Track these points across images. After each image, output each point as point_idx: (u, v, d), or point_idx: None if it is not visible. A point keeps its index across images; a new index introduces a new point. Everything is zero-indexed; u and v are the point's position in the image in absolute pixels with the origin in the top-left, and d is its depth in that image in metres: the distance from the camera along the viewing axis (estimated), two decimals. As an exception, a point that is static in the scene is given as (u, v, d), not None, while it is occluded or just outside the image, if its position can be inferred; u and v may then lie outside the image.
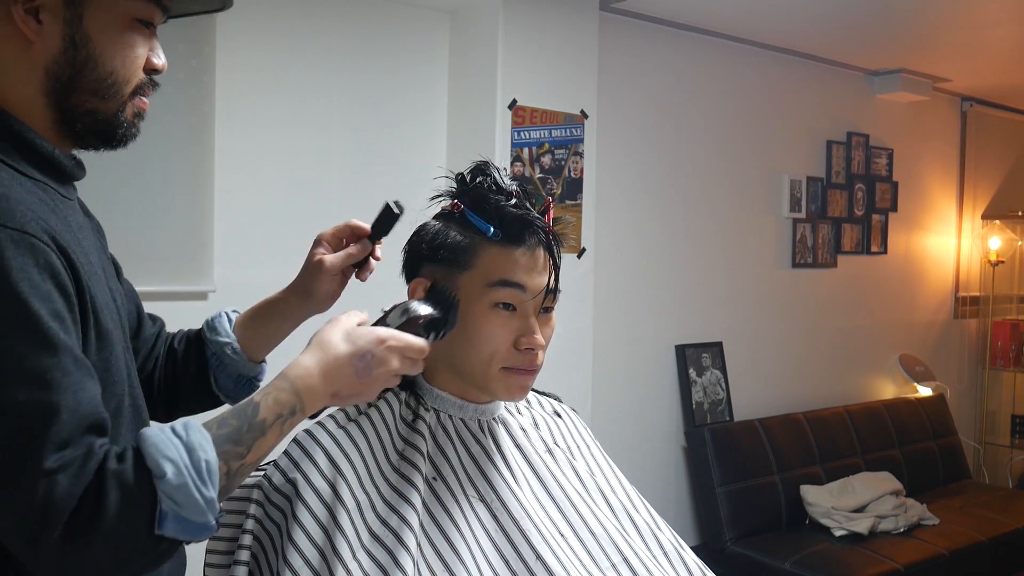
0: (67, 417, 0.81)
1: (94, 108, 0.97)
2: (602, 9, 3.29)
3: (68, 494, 0.80)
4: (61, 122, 0.97)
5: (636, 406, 3.66)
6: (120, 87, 0.98)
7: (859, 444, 4.12)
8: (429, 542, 1.08)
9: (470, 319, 1.12)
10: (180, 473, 0.84)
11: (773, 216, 4.15)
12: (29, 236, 0.83)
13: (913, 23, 3.64)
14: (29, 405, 0.80)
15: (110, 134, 1.00)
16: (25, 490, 0.79)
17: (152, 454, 0.84)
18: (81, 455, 0.81)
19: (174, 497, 0.84)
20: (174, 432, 0.87)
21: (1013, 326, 5.14)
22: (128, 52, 0.98)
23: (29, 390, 0.80)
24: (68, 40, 0.94)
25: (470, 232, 1.14)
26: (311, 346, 1.00)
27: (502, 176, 1.17)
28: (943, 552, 3.47)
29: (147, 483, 0.83)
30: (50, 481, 0.79)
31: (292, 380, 0.96)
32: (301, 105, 2.85)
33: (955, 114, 5.07)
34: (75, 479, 0.80)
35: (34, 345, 0.81)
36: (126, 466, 0.83)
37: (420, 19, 3.10)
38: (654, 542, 1.22)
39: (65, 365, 0.83)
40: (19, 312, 0.81)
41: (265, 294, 1.30)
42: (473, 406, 1.20)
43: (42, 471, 0.79)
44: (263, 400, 0.94)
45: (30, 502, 0.79)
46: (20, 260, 0.82)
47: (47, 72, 0.94)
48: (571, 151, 3.15)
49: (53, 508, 0.79)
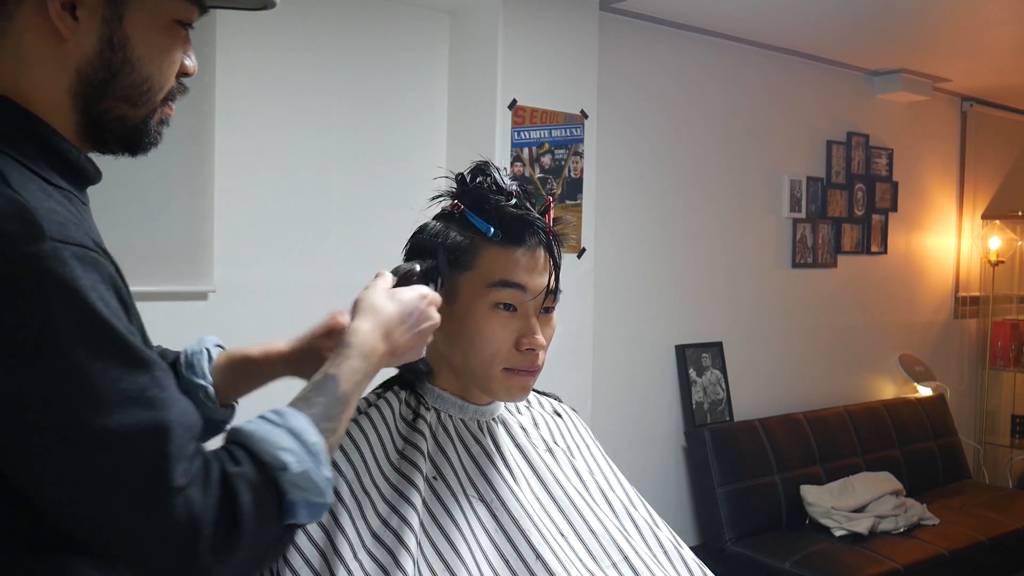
0: (178, 431, 0.78)
1: (123, 114, 0.91)
2: (602, 9, 3.28)
3: (204, 506, 0.77)
4: (86, 126, 0.90)
5: (636, 406, 3.66)
6: (154, 94, 0.92)
7: (859, 444, 4.12)
8: (429, 542, 1.08)
9: (471, 320, 1.12)
10: (300, 461, 0.84)
11: (773, 216, 4.15)
12: (90, 251, 0.79)
13: (913, 23, 3.64)
14: (140, 428, 0.76)
15: (135, 142, 0.94)
16: (164, 513, 0.75)
17: (267, 449, 0.83)
18: (200, 466, 0.79)
19: (299, 484, 0.84)
20: (271, 422, 0.85)
21: (1013, 326, 5.14)
22: (166, 57, 0.92)
23: (135, 412, 0.75)
24: (105, 41, 0.87)
25: (470, 232, 1.14)
26: (362, 311, 1.00)
27: (502, 176, 1.17)
28: (943, 552, 3.47)
29: (271, 478, 0.82)
30: (185, 498, 0.76)
31: (358, 347, 0.96)
32: (301, 105, 2.85)
33: (955, 114, 5.06)
34: (205, 490, 0.78)
35: (125, 365, 0.77)
36: (245, 467, 0.82)
37: (420, 19, 3.10)
38: (654, 541, 1.22)
39: (158, 379, 0.79)
40: (103, 333, 0.76)
41: (265, 294, 1.30)
42: (473, 407, 1.20)
43: (175, 490, 0.76)
44: (338, 372, 0.93)
45: (173, 524, 0.76)
46: (90, 278, 0.77)
47: (78, 73, 0.87)
48: (571, 151, 3.15)
49: (196, 524, 0.76)
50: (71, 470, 0.74)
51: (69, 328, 0.74)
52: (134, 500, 0.75)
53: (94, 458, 0.74)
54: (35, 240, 0.75)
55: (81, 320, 0.75)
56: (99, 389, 0.75)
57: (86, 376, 0.74)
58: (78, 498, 0.76)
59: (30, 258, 0.74)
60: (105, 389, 0.75)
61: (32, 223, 0.75)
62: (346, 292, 1.28)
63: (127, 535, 0.77)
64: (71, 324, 0.74)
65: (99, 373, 0.75)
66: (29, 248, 0.74)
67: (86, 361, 0.75)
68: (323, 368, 0.94)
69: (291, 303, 2.81)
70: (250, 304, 2.75)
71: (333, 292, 2.88)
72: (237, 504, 0.80)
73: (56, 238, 0.76)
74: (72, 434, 0.74)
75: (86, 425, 0.74)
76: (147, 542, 0.77)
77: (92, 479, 0.75)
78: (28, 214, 0.76)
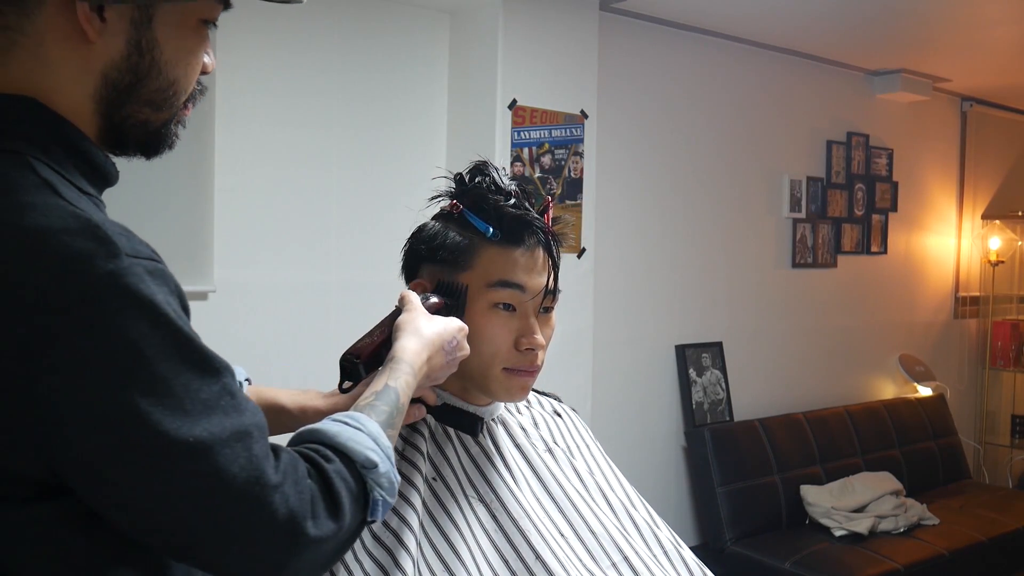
0: (257, 433, 0.79)
1: (146, 119, 0.87)
2: (602, 9, 3.29)
3: (300, 501, 0.79)
4: (106, 130, 0.86)
5: (636, 406, 3.66)
6: (178, 98, 0.89)
7: (859, 444, 4.12)
8: (429, 542, 1.08)
9: (470, 320, 1.12)
10: (384, 460, 0.87)
11: (773, 216, 4.15)
12: (158, 264, 0.78)
13: (913, 23, 3.64)
14: (227, 434, 0.76)
15: (154, 145, 0.91)
16: (267, 511, 0.76)
17: (355, 448, 0.86)
18: (288, 462, 0.80)
19: (381, 484, 0.87)
20: (352, 426, 0.88)
21: (1013, 326, 5.13)
22: (192, 59, 0.88)
23: (220, 420, 0.76)
24: (133, 44, 0.83)
25: (469, 232, 1.14)
26: (407, 332, 1.04)
27: (501, 176, 1.17)
28: (943, 552, 3.47)
29: (358, 476, 0.86)
30: (282, 494, 0.77)
31: (408, 363, 1.00)
32: (301, 105, 2.85)
33: (955, 114, 5.06)
34: (296, 486, 0.79)
35: (203, 375, 0.77)
36: (338, 464, 0.84)
37: (420, 19, 3.10)
38: (654, 541, 1.22)
39: (229, 385, 0.79)
40: (183, 347, 0.76)
41: (265, 294, 1.30)
42: (473, 407, 1.20)
43: (273, 487, 0.77)
44: (396, 384, 0.97)
45: (275, 521, 0.77)
46: (162, 292, 0.76)
47: (104, 77, 0.83)
48: (571, 151, 3.15)
49: (295, 518, 0.78)
50: (167, 483, 0.74)
51: (154, 345, 0.74)
52: (236, 502, 0.76)
53: (190, 469, 0.74)
54: (112, 257, 0.73)
55: (164, 336, 0.75)
56: (184, 402, 0.75)
57: (172, 390, 0.74)
58: (176, 510, 0.75)
59: (110, 276, 0.72)
60: (189, 401, 0.75)
61: (106, 239, 0.74)
62: (346, 292, 1.28)
63: (231, 539, 0.77)
64: (156, 341, 0.74)
65: (183, 387, 0.75)
66: (108, 266, 0.73)
67: (171, 375, 0.75)
68: (382, 379, 0.98)
69: (291, 303, 2.81)
70: (250, 304, 2.75)
71: (333, 292, 2.89)
72: (336, 496, 0.82)
73: (129, 253, 0.75)
74: (166, 448, 0.73)
75: (178, 438, 0.74)
76: (251, 542, 0.77)
77: (190, 489, 0.75)
78: (99, 230, 0.74)
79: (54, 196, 0.76)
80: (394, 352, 1.01)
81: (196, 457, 0.74)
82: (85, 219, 0.74)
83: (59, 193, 0.77)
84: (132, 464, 0.74)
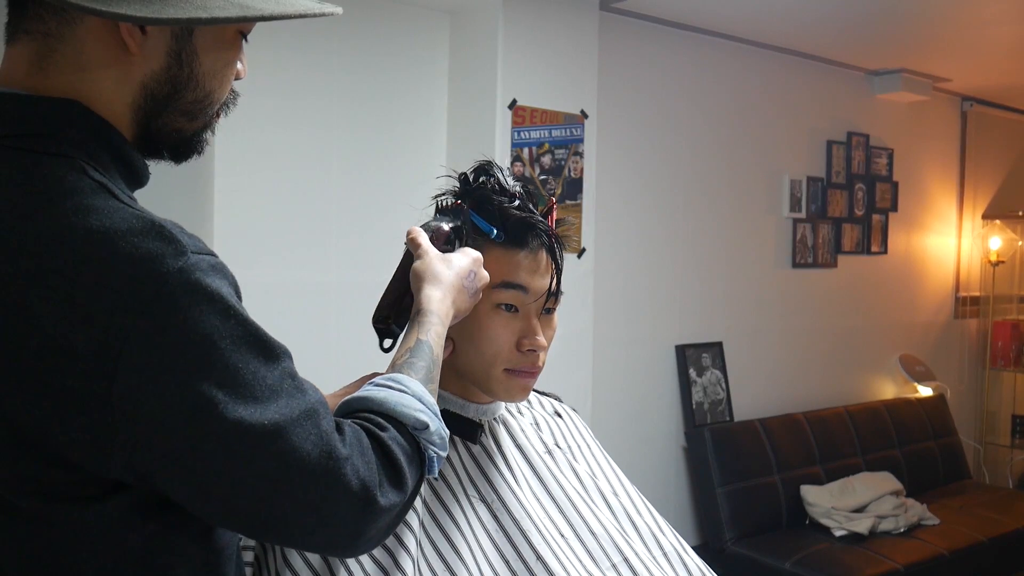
0: (323, 410, 0.82)
1: (180, 128, 0.90)
2: (602, 9, 3.28)
3: (369, 470, 0.82)
4: (141, 138, 0.88)
5: (636, 406, 3.66)
6: (213, 107, 0.91)
7: (859, 444, 4.12)
8: (430, 542, 1.08)
9: (472, 320, 1.12)
10: (433, 418, 0.90)
11: (773, 216, 4.15)
12: (216, 259, 0.81)
13: (913, 23, 3.64)
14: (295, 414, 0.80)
15: (186, 152, 0.94)
16: (342, 483, 0.80)
17: (405, 411, 0.88)
18: (352, 435, 0.83)
19: (434, 442, 0.90)
20: (397, 389, 0.90)
21: (1013, 326, 5.14)
22: (228, 71, 0.90)
23: (287, 402, 0.80)
24: (173, 56, 0.85)
25: (473, 234, 1.14)
26: (427, 280, 1.03)
27: (505, 177, 1.17)
28: (943, 552, 3.47)
29: (412, 438, 0.88)
30: (352, 465, 0.81)
31: (436, 313, 1.01)
32: (301, 105, 2.85)
33: (955, 114, 5.06)
34: (363, 456, 0.82)
35: (267, 361, 0.80)
36: (392, 431, 0.87)
37: (420, 19, 3.10)
38: (654, 544, 1.22)
39: (289, 368, 0.83)
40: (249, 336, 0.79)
41: (265, 294, 1.30)
42: (474, 406, 1.20)
43: (344, 459, 0.80)
44: (427, 337, 0.98)
45: (350, 491, 0.80)
46: (224, 285, 0.80)
47: (143, 87, 0.85)
48: (571, 151, 3.15)
49: (367, 487, 0.81)
50: (247, 467, 0.77)
51: (226, 337, 0.77)
52: (313, 478, 0.79)
53: (267, 451, 0.77)
54: (179, 255, 0.76)
55: (233, 327, 0.78)
56: (255, 389, 0.78)
57: (244, 378, 0.78)
58: (257, 492, 0.78)
59: (180, 273, 0.76)
60: (259, 387, 0.78)
61: (172, 239, 0.77)
62: (346, 292, 1.28)
63: (311, 513, 0.80)
64: (226, 333, 0.77)
65: (252, 374, 0.78)
66: (177, 264, 0.76)
67: (243, 364, 0.78)
68: (413, 334, 0.99)
69: (291, 303, 2.81)
70: (250, 304, 2.73)
71: (333, 292, 2.89)
72: (397, 464, 0.85)
73: (193, 251, 0.78)
74: (244, 434, 0.76)
75: (254, 423, 0.77)
76: (330, 514, 0.80)
77: (269, 470, 0.78)
78: (164, 230, 0.77)
79: (112, 199, 0.78)
80: (418, 304, 1.02)
81: (272, 439, 0.78)
82: (148, 220, 0.78)
83: (115, 195, 0.79)
84: (214, 453, 0.76)
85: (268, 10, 0.86)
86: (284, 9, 0.87)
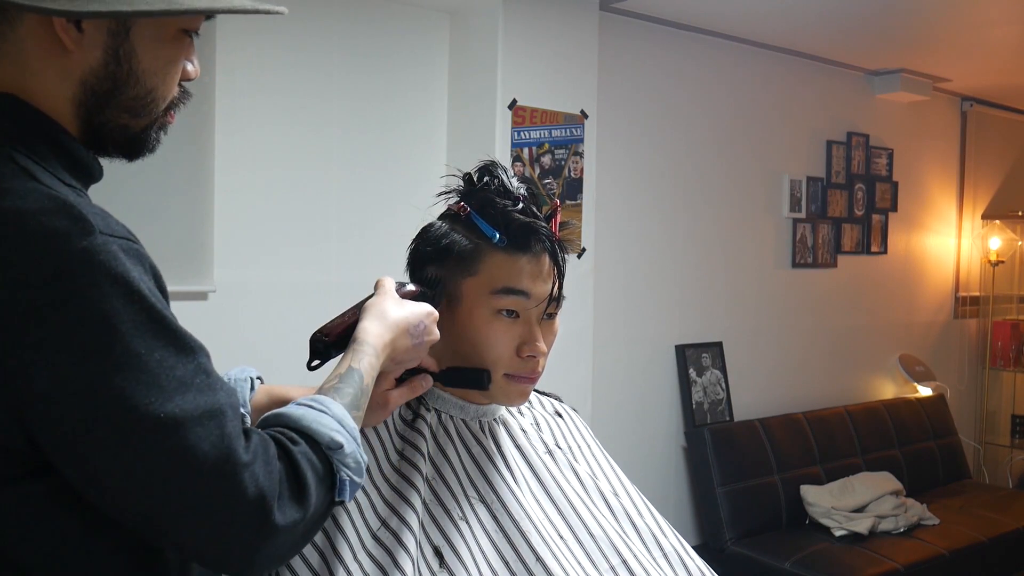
0: (231, 412, 0.81)
1: (125, 124, 0.90)
2: (602, 9, 3.28)
3: (270, 481, 0.80)
4: (86, 133, 0.89)
5: (636, 406, 3.66)
6: (157, 105, 0.91)
7: (859, 444, 4.12)
8: (429, 542, 1.08)
9: (472, 325, 1.12)
10: (350, 441, 0.89)
11: (773, 216, 4.15)
12: (132, 243, 0.80)
13: (913, 23, 3.64)
14: (199, 412, 0.78)
15: (135, 149, 0.94)
16: (236, 489, 0.78)
17: (319, 430, 0.87)
18: (259, 443, 0.82)
19: (348, 464, 0.88)
20: (316, 408, 0.89)
21: (1013, 326, 5.13)
22: (171, 68, 0.90)
23: (193, 397, 0.78)
24: (111, 53, 0.86)
25: (475, 236, 1.13)
26: (371, 314, 1.03)
27: (509, 179, 1.16)
28: (943, 552, 3.47)
29: (325, 457, 0.87)
30: (251, 473, 0.79)
31: (371, 344, 1.00)
32: (301, 105, 2.85)
33: (955, 114, 5.06)
34: (267, 466, 0.81)
35: (178, 352, 0.79)
36: (303, 446, 0.85)
37: (420, 19, 3.10)
38: (655, 545, 1.22)
39: (204, 364, 0.82)
40: (157, 323, 0.78)
41: (265, 294, 1.30)
42: (474, 407, 1.20)
43: (243, 465, 0.78)
44: (359, 366, 0.97)
45: (244, 499, 0.78)
46: (136, 270, 0.78)
47: (83, 84, 0.86)
48: (571, 151, 3.15)
49: (264, 497, 0.79)
50: (138, 459, 0.76)
51: (128, 320, 0.76)
52: (206, 480, 0.77)
53: (161, 445, 0.76)
54: (86, 235, 0.76)
55: (138, 312, 0.77)
56: (159, 378, 0.76)
57: (146, 366, 0.76)
58: (146, 486, 0.77)
59: (84, 252, 0.75)
60: (164, 377, 0.77)
61: (80, 218, 0.76)
62: (346, 292, 1.28)
63: (201, 517, 0.78)
64: (129, 316, 0.76)
65: (157, 363, 0.77)
66: (82, 243, 0.75)
67: (145, 351, 0.76)
68: (346, 361, 0.98)
69: (291, 303, 2.81)
70: (250, 304, 2.75)
71: (333, 292, 2.89)
72: (302, 479, 0.83)
73: (104, 231, 0.77)
74: (137, 423, 0.75)
75: (150, 414, 0.75)
76: (221, 521, 0.78)
77: (160, 465, 0.76)
78: (74, 209, 0.77)
79: (32, 181, 0.79)
80: (357, 334, 1.01)
81: (167, 433, 0.76)
82: (61, 200, 0.77)
83: (36, 178, 0.79)
84: (104, 439, 0.75)
85: (196, 5, 0.85)
86: (213, 4, 0.87)
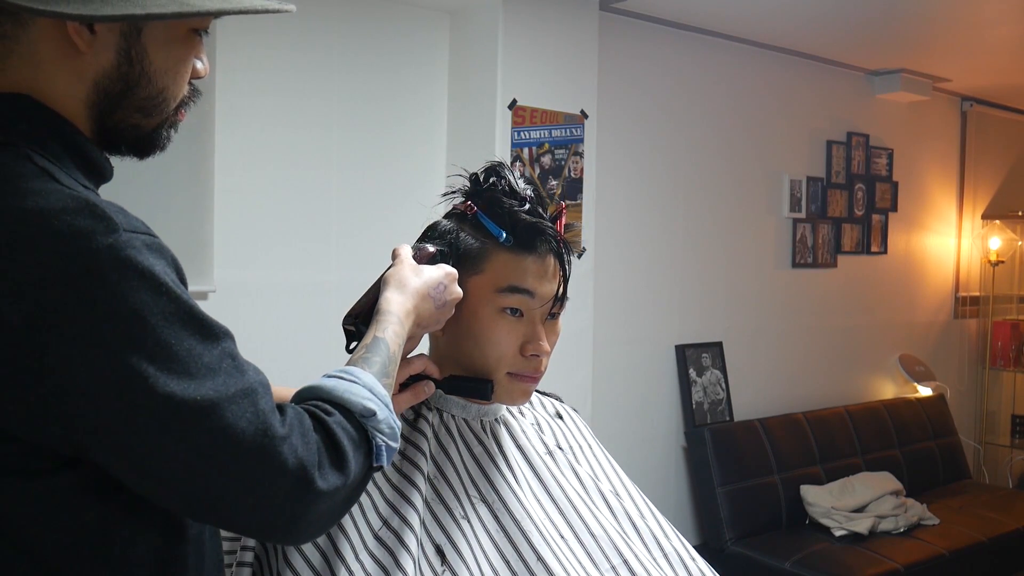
0: (261, 390, 0.83)
1: (137, 124, 0.91)
2: (602, 9, 3.28)
3: (308, 451, 0.82)
4: (99, 133, 0.90)
5: (636, 406, 3.66)
6: (168, 104, 0.92)
7: (859, 444, 4.12)
8: (431, 541, 1.08)
9: (477, 323, 1.13)
10: (382, 408, 0.91)
11: (773, 216, 4.15)
12: (154, 239, 0.82)
13: (913, 23, 3.64)
14: (232, 392, 0.80)
15: (146, 148, 0.95)
16: (277, 462, 0.80)
17: (351, 399, 0.90)
18: (294, 416, 0.84)
19: (382, 430, 0.91)
20: (347, 379, 0.92)
21: (1013, 326, 5.14)
22: (181, 68, 0.92)
23: (224, 380, 0.80)
24: (123, 54, 0.87)
25: (481, 235, 1.14)
26: (391, 285, 1.06)
27: (515, 179, 1.17)
28: (943, 552, 3.47)
29: (359, 425, 0.89)
30: (290, 444, 0.81)
31: (395, 313, 1.02)
32: (301, 105, 2.85)
33: (955, 114, 5.07)
34: (304, 437, 0.83)
35: (204, 340, 0.81)
36: (338, 416, 0.88)
37: (420, 19, 3.10)
38: (655, 546, 1.22)
39: (229, 348, 0.84)
40: (184, 313, 0.80)
41: (265, 294, 1.30)
42: (476, 406, 1.20)
43: (281, 438, 0.81)
44: (385, 335, 1.00)
45: (286, 471, 0.80)
46: (160, 264, 0.80)
47: (96, 85, 0.87)
48: (571, 151, 3.15)
49: (305, 468, 0.81)
50: (180, 442, 0.78)
51: (157, 313, 0.78)
52: (247, 455, 0.79)
53: (201, 426, 0.78)
54: (110, 232, 0.77)
55: (165, 304, 0.79)
56: (189, 366, 0.79)
57: (177, 355, 0.78)
58: (191, 468, 0.79)
59: (110, 250, 0.77)
60: (194, 364, 0.79)
61: (103, 216, 0.78)
62: (346, 292, 1.28)
63: (245, 493, 0.80)
64: (157, 309, 0.78)
65: (187, 351, 0.79)
66: (107, 240, 0.77)
67: (176, 341, 0.79)
68: (371, 332, 1.01)
69: (291, 303, 2.81)
70: (250, 304, 2.74)
71: (333, 292, 2.89)
72: (340, 447, 0.86)
73: (127, 228, 0.79)
74: (176, 410, 0.77)
75: (186, 399, 0.77)
76: (265, 494, 0.81)
77: (202, 446, 0.78)
78: (96, 208, 0.78)
79: (52, 182, 0.80)
80: (380, 304, 1.04)
81: (205, 415, 0.78)
82: (83, 199, 0.79)
83: (56, 179, 0.81)
84: (144, 427, 0.77)
85: (207, 6, 0.86)
86: (224, 5, 0.88)
